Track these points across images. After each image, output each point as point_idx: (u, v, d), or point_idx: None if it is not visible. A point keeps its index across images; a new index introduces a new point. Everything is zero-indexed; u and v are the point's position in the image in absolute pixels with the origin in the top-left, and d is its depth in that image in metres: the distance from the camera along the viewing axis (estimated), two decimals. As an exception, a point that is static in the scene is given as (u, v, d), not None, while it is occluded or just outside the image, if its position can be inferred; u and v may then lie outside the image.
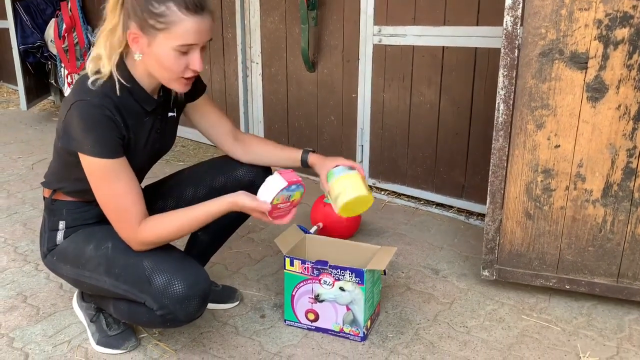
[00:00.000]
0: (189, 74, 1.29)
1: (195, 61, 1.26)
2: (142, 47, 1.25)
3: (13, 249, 2.16)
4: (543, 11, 1.55)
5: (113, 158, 1.26)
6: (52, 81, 4.40)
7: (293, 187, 1.33)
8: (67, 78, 4.20)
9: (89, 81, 1.27)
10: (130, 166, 1.31)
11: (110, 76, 1.28)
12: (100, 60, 1.28)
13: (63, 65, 4.14)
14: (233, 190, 1.59)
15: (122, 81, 1.29)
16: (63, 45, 4.05)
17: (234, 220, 1.67)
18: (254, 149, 1.60)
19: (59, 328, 1.64)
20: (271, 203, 1.31)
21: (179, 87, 1.32)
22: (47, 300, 1.79)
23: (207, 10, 1.24)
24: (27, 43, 4.06)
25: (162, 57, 1.24)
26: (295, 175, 1.35)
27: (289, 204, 1.36)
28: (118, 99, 1.29)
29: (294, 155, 1.57)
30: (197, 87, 1.52)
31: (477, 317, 1.72)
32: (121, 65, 1.30)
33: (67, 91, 4.25)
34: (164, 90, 1.42)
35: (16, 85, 4.55)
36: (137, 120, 1.35)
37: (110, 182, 1.27)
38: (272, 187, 1.31)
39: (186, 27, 1.21)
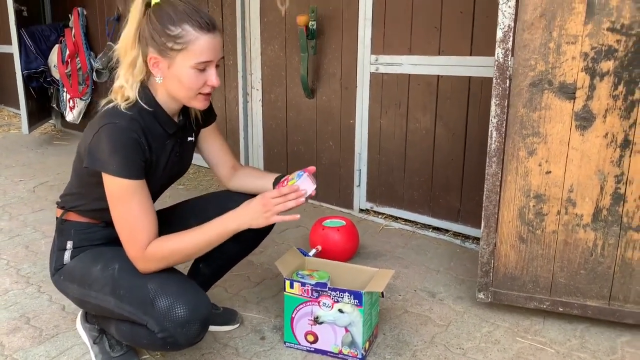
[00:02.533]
0: (207, 90, 1.38)
1: (212, 77, 1.36)
2: (163, 70, 1.35)
3: (15, 271, 2.18)
4: (532, 44, 1.63)
5: (134, 179, 1.31)
6: (54, 105, 4.48)
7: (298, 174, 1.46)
8: (69, 102, 4.27)
9: (116, 105, 1.36)
10: (148, 189, 1.36)
11: (136, 102, 1.37)
12: (123, 89, 1.37)
13: (65, 89, 4.21)
14: None
15: (146, 105, 1.38)
16: (66, 71, 4.13)
17: (234, 255, 1.72)
18: (239, 179, 1.67)
19: (62, 349, 1.66)
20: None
21: (198, 104, 1.40)
22: (50, 322, 1.81)
23: (217, 29, 1.36)
24: (31, 68, 4.13)
25: (182, 77, 1.33)
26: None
27: (287, 186, 1.41)
28: (144, 122, 1.36)
29: (269, 183, 1.62)
30: (211, 113, 1.63)
31: (473, 339, 1.75)
32: (144, 91, 1.39)
33: (68, 115, 4.31)
34: (183, 114, 1.51)
35: (17, 108, 4.62)
36: (160, 143, 1.43)
37: (128, 202, 1.32)
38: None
39: (202, 45, 1.31)
